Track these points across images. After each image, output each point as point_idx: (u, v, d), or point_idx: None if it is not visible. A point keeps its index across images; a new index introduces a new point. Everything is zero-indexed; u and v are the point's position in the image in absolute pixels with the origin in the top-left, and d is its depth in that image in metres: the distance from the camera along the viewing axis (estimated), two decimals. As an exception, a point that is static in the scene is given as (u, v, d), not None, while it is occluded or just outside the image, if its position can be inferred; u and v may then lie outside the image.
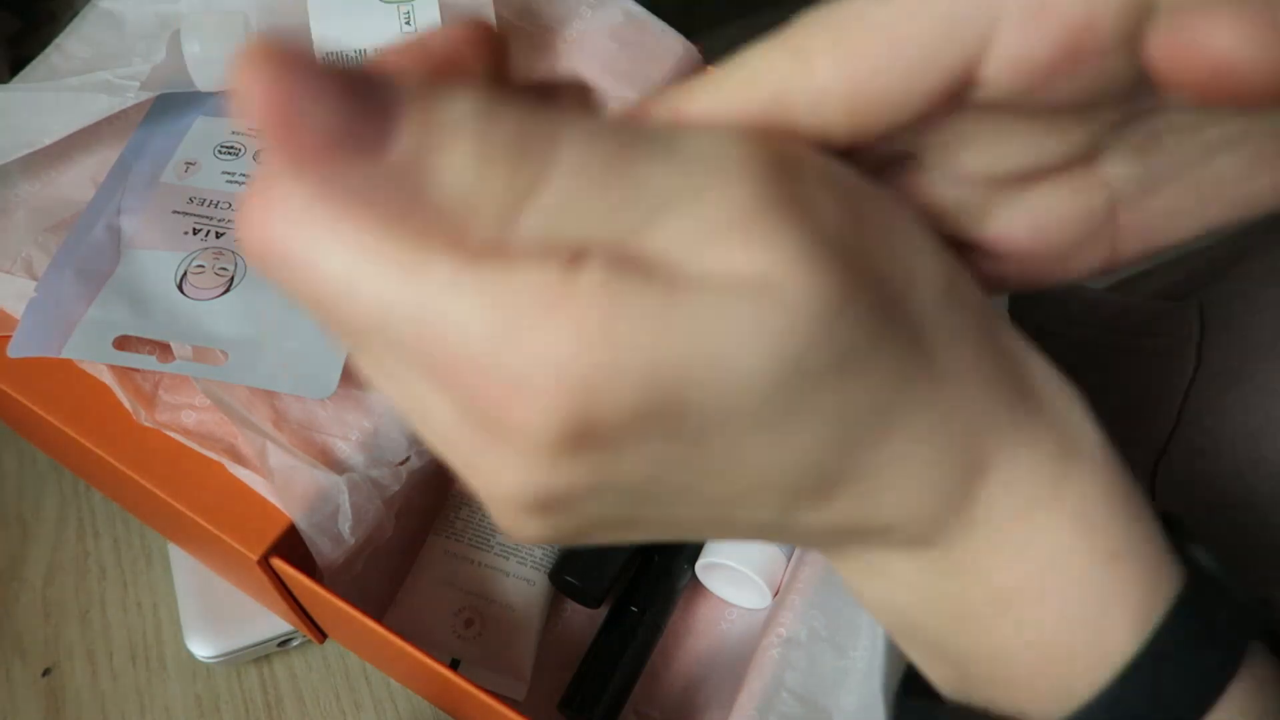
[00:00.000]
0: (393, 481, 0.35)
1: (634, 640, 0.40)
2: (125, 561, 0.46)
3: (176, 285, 0.36)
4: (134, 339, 0.35)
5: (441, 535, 0.41)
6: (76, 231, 0.37)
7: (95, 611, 0.45)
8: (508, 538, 0.23)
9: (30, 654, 0.44)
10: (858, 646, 0.34)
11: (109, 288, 0.35)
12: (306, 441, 0.34)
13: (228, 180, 0.39)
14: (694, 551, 0.42)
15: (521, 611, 0.40)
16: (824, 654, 0.34)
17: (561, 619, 0.43)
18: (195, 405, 0.35)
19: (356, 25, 0.39)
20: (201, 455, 0.34)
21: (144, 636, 0.45)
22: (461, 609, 0.39)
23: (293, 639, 0.43)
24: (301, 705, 0.43)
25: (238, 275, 0.36)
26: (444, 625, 0.39)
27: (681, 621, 0.43)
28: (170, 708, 0.43)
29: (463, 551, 0.40)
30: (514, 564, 0.40)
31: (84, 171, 0.39)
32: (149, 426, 0.34)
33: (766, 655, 0.35)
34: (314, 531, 0.34)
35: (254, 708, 0.43)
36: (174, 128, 0.41)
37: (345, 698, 0.44)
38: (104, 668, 0.44)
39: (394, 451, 0.35)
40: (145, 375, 0.35)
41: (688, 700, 0.41)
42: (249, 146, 0.40)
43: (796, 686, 0.34)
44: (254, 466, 0.34)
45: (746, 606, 0.43)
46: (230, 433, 0.34)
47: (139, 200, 0.38)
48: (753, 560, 0.40)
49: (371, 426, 0.35)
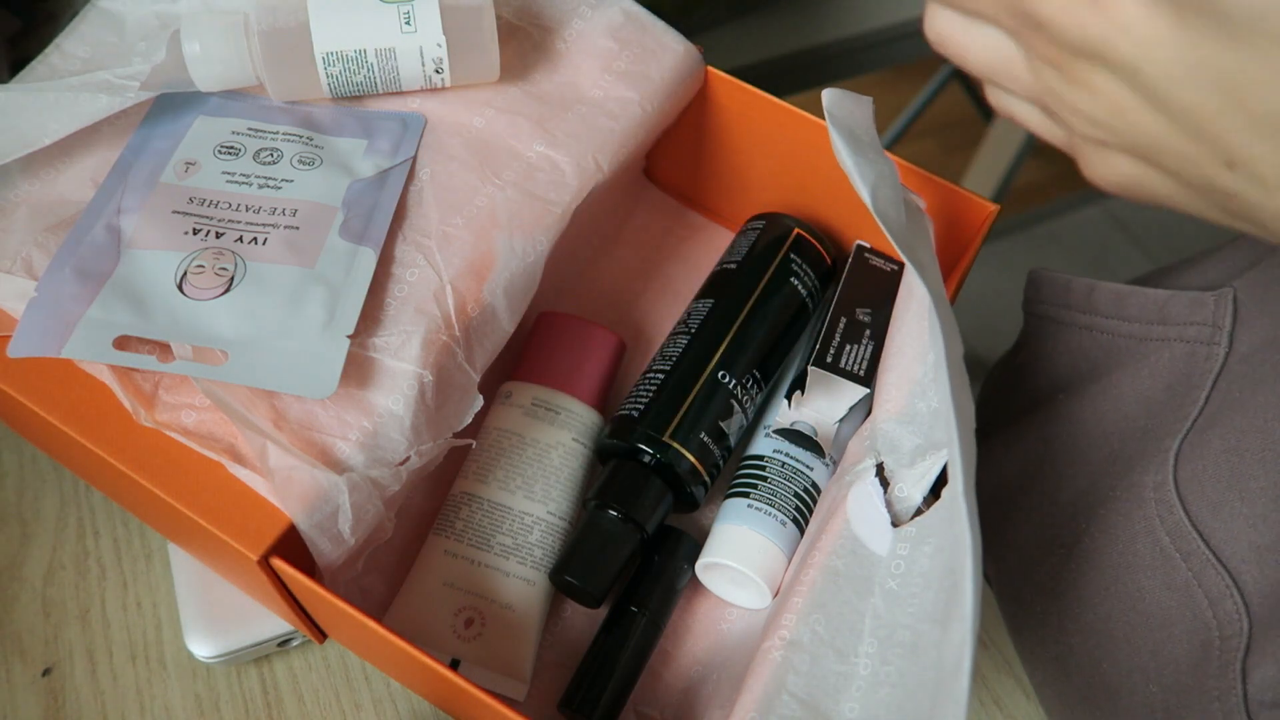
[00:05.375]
0: (393, 481, 0.35)
1: (634, 640, 0.40)
2: (125, 561, 0.46)
3: (176, 285, 0.36)
4: (134, 339, 0.35)
5: (441, 535, 0.41)
6: (76, 231, 0.37)
7: (95, 611, 0.45)
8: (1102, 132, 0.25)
9: (30, 654, 0.44)
10: (859, 652, 0.34)
11: (109, 288, 0.35)
12: (306, 441, 0.34)
13: (228, 180, 0.39)
14: (694, 551, 0.42)
15: (521, 611, 0.40)
16: (826, 657, 0.34)
17: (561, 619, 0.43)
18: (195, 405, 0.35)
19: (356, 25, 0.39)
20: (201, 455, 0.34)
21: (144, 636, 0.45)
22: (461, 609, 0.39)
23: (293, 639, 0.43)
24: (301, 705, 0.43)
25: (238, 275, 0.36)
26: (444, 625, 0.39)
27: (681, 621, 0.43)
28: (170, 708, 0.43)
29: (463, 551, 0.40)
30: (514, 564, 0.40)
31: (84, 171, 0.39)
32: (149, 426, 0.34)
33: (768, 657, 0.35)
34: (314, 531, 0.34)
35: (254, 708, 0.43)
36: (174, 128, 0.41)
37: (345, 698, 0.44)
38: (104, 667, 0.44)
39: (394, 451, 0.35)
40: (145, 375, 0.35)
41: (688, 700, 0.41)
42: (249, 146, 0.40)
43: (798, 689, 0.34)
44: (254, 466, 0.34)
45: (746, 606, 0.43)
46: (230, 433, 0.34)
47: (139, 200, 0.38)
48: (753, 560, 0.40)
49: (371, 426, 0.35)
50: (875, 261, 0.46)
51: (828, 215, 0.50)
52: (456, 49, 0.41)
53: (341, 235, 0.38)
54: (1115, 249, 1.40)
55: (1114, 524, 0.39)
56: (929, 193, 0.44)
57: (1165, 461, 0.38)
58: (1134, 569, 0.38)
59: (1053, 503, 0.43)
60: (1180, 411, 0.39)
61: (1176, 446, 0.38)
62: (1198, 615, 0.36)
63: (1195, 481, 0.37)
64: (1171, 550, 0.37)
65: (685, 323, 0.45)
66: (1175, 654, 0.36)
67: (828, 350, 0.42)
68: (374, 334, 0.36)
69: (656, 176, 0.55)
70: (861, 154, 0.37)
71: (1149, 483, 0.38)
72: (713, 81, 0.47)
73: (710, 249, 0.53)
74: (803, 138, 0.46)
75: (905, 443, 0.37)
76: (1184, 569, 0.36)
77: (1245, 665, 0.34)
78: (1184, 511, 0.37)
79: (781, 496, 0.42)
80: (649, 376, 0.43)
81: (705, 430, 0.42)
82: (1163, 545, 0.37)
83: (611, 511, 0.41)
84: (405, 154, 0.41)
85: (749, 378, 0.43)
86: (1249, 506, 0.35)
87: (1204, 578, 0.36)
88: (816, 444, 0.43)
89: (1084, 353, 0.45)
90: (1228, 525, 0.36)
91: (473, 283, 0.38)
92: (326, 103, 0.42)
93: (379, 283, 0.37)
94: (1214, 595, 0.35)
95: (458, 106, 0.42)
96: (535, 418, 0.43)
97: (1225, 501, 0.36)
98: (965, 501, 0.29)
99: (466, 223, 0.39)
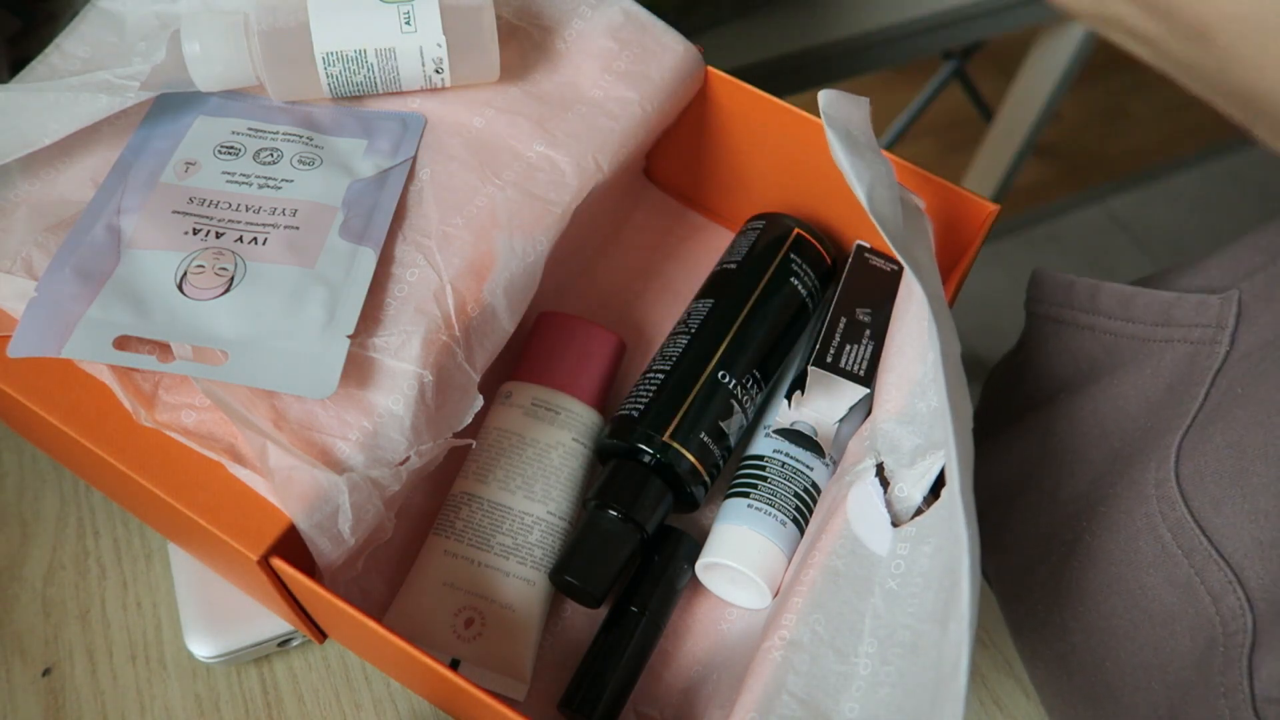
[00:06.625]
0: (393, 481, 0.35)
1: (634, 640, 0.40)
2: (125, 561, 0.46)
3: (176, 285, 0.36)
4: (134, 339, 0.35)
5: (441, 535, 0.41)
6: (76, 231, 0.37)
7: (95, 611, 0.45)
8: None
9: (30, 654, 0.44)
10: (859, 652, 0.34)
11: (109, 288, 0.35)
12: (306, 441, 0.34)
13: (228, 180, 0.39)
14: (694, 551, 0.42)
15: (521, 611, 0.40)
16: (826, 657, 0.34)
17: (561, 619, 0.43)
18: (195, 405, 0.35)
19: (356, 25, 0.39)
20: (201, 455, 0.34)
21: (144, 636, 0.45)
22: (461, 609, 0.39)
23: (293, 639, 0.43)
24: (301, 705, 0.43)
25: (238, 275, 0.36)
26: (444, 625, 0.39)
27: (681, 621, 0.43)
28: (170, 708, 0.43)
29: (463, 551, 0.40)
30: (514, 564, 0.40)
31: (84, 171, 0.39)
32: (149, 426, 0.34)
33: (768, 657, 0.35)
34: (314, 531, 0.34)
35: (254, 708, 0.43)
36: (174, 128, 0.41)
37: (345, 698, 0.44)
38: (104, 667, 0.44)
39: (394, 451, 0.35)
40: (145, 375, 0.35)
41: (688, 700, 0.41)
42: (249, 146, 0.40)
43: (798, 689, 0.34)
44: (254, 466, 0.34)
45: (746, 606, 0.43)
46: (230, 433, 0.34)
47: (139, 200, 0.38)
48: (753, 560, 0.40)
49: (371, 426, 0.35)
50: (875, 261, 0.46)
51: (828, 215, 0.50)
52: (456, 49, 0.41)
53: (341, 235, 0.38)
54: (1116, 249, 1.40)
55: (1115, 521, 0.39)
56: (929, 193, 0.44)
57: (1166, 458, 0.38)
58: (1136, 566, 0.38)
59: (1053, 501, 0.43)
60: (1181, 408, 0.39)
61: (1178, 443, 0.38)
62: (1201, 612, 0.36)
63: (1197, 477, 0.37)
64: (1174, 546, 0.37)
65: (685, 323, 0.45)
66: (1179, 651, 0.36)
67: (828, 350, 0.42)
68: (374, 334, 0.36)
69: (656, 176, 0.55)
70: (858, 155, 0.37)
71: (1150, 479, 0.38)
72: (713, 81, 0.47)
73: (710, 249, 0.53)
74: (803, 138, 0.46)
75: (905, 443, 0.37)
76: (1186, 565, 0.36)
77: (1252, 661, 0.34)
78: (1186, 507, 0.37)
79: (781, 496, 0.42)
80: (649, 376, 0.43)
81: (705, 430, 0.42)
82: (1164, 542, 0.37)
83: (611, 511, 0.41)
84: (405, 154, 0.41)
85: (749, 378, 0.43)
86: (1251, 502, 0.35)
87: (1206, 574, 0.36)
88: (816, 444, 0.43)
89: (1086, 353, 0.45)
90: (1230, 521, 0.35)
91: (473, 283, 0.38)
92: (326, 103, 0.42)
93: (379, 283, 0.37)
94: (1216, 591, 0.35)
95: (458, 106, 0.43)
96: (535, 418, 0.43)
97: (1227, 497, 0.36)
98: (963, 501, 0.29)
99: (466, 223, 0.39)
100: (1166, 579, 0.37)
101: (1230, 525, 0.35)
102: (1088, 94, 1.61)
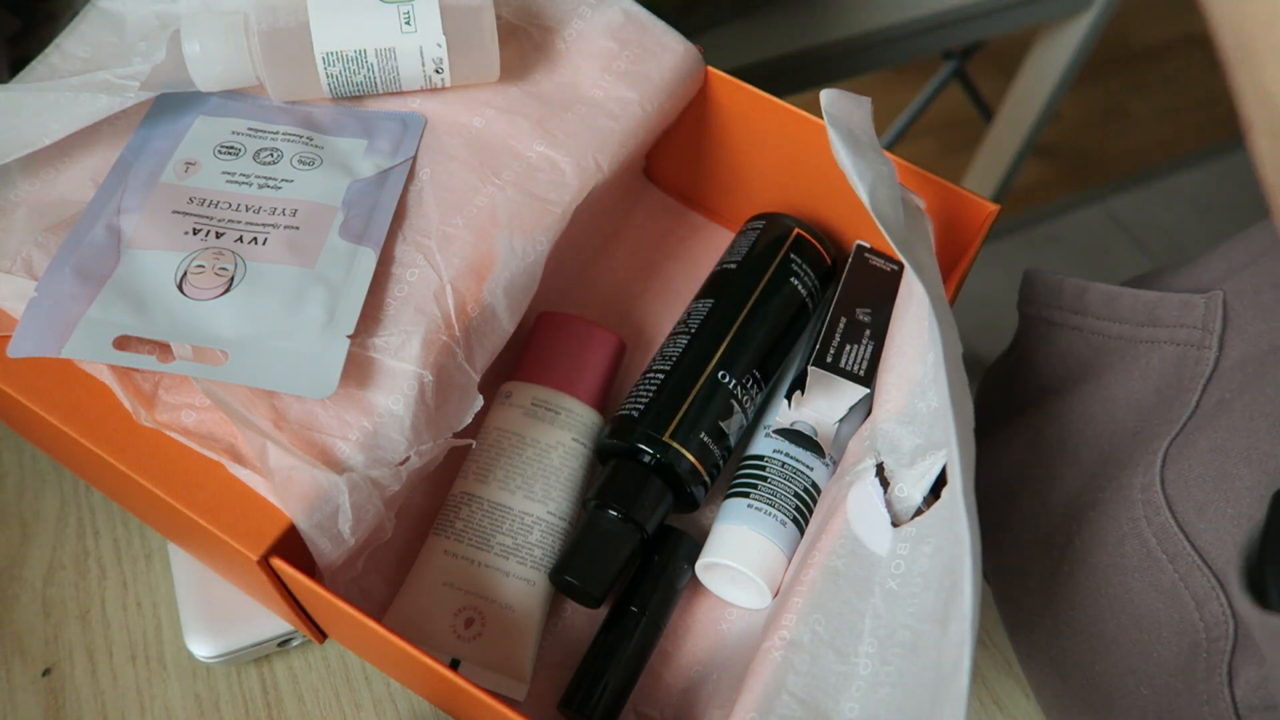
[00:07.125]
0: (393, 481, 0.35)
1: (634, 640, 0.40)
2: (125, 561, 0.46)
3: (176, 285, 0.36)
4: (134, 339, 0.35)
5: (441, 535, 0.41)
6: (76, 231, 0.37)
7: (95, 611, 0.45)
8: None
9: (30, 654, 0.44)
10: (859, 652, 0.34)
11: (109, 288, 0.35)
12: (306, 441, 0.34)
13: (228, 180, 0.39)
14: (694, 551, 0.42)
15: (521, 611, 0.40)
16: (826, 657, 0.34)
17: (561, 619, 0.43)
18: (195, 405, 0.35)
19: (356, 25, 0.39)
20: (201, 455, 0.34)
21: (144, 636, 0.45)
22: (461, 609, 0.39)
23: (293, 639, 0.43)
24: (301, 705, 0.43)
25: (238, 275, 0.36)
26: (444, 625, 0.39)
27: (681, 621, 0.43)
28: (170, 708, 0.43)
29: (463, 551, 0.40)
30: (514, 564, 0.40)
31: (84, 171, 0.39)
32: (149, 426, 0.34)
33: (768, 657, 0.35)
34: (314, 531, 0.34)
35: (254, 708, 0.43)
36: (174, 128, 0.41)
37: (345, 698, 0.44)
38: (104, 667, 0.44)
39: (394, 451, 0.35)
40: (145, 375, 0.35)
41: (688, 700, 0.41)
42: (249, 146, 0.40)
43: (798, 689, 0.34)
44: (254, 466, 0.34)
45: (746, 606, 0.43)
46: (230, 433, 0.34)
47: (139, 200, 0.38)
48: (753, 560, 0.40)
49: (371, 426, 0.35)
50: (875, 261, 0.46)
51: (828, 215, 0.50)
52: (456, 49, 0.41)
53: (341, 235, 0.38)
54: (1116, 249, 1.40)
55: (1103, 526, 0.39)
56: (929, 193, 0.44)
57: (1152, 463, 0.38)
58: (1123, 571, 0.38)
59: (1044, 504, 0.43)
60: (1170, 415, 0.39)
61: (1164, 449, 0.38)
62: (1185, 617, 0.36)
63: (1181, 482, 0.37)
64: (1159, 552, 0.36)
65: (685, 323, 0.45)
66: (1164, 656, 0.36)
67: (828, 350, 0.42)
68: (374, 334, 0.36)
69: (656, 176, 0.55)
70: (860, 154, 0.37)
71: (1137, 484, 0.38)
72: (713, 81, 0.47)
73: (710, 249, 0.53)
74: (803, 138, 0.46)
75: (905, 443, 0.37)
76: (1170, 571, 0.36)
77: (1232, 667, 0.34)
78: (1170, 513, 0.36)
79: (781, 496, 0.42)
80: (649, 376, 0.43)
81: (705, 430, 0.42)
82: (1150, 547, 0.37)
83: (611, 511, 0.41)
84: (405, 154, 0.41)
85: (749, 378, 0.43)
86: (1234, 506, 0.35)
87: (1190, 579, 0.35)
88: (816, 444, 0.43)
89: (1075, 353, 0.45)
90: (1213, 526, 0.35)
91: (473, 283, 0.38)
92: (326, 103, 0.42)
93: (379, 283, 0.37)
94: (1200, 597, 0.35)
95: (458, 106, 0.43)
96: (535, 418, 0.43)
97: (1210, 502, 0.36)
98: (964, 501, 0.29)
99: (466, 223, 0.39)
100: (1152, 584, 0.37)
101: (1213, 530, 0.35)
102: (1088, 94, 1.61)
